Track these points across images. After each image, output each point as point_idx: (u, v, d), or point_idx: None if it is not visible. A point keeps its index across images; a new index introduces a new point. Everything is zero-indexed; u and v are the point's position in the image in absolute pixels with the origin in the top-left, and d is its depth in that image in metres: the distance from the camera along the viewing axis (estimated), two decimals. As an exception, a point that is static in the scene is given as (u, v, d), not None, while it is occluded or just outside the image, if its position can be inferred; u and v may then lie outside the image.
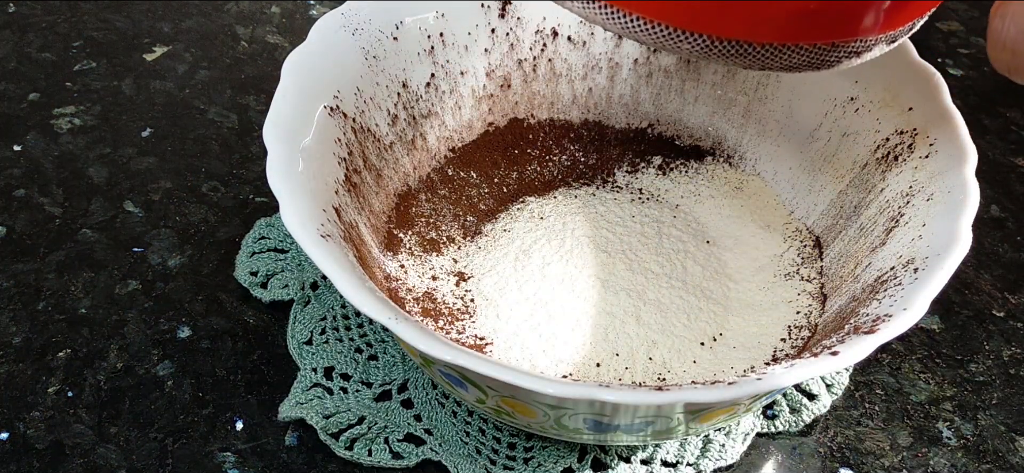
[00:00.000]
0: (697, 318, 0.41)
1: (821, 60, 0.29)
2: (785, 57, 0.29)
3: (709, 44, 0.28)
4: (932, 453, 0.40)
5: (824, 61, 0.30)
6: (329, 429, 0.38)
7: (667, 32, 0.28)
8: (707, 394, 0.29)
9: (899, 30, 0.30)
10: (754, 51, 0.29)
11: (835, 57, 0.29)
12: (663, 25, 0.28)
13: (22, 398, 0.39)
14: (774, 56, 0.29)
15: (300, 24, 0.60)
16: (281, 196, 0.33)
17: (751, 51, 0.29)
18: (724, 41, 0.28)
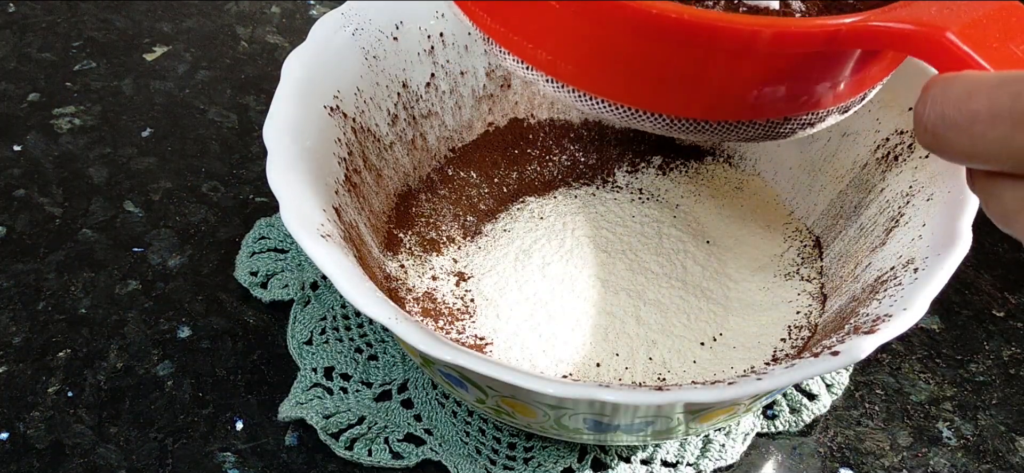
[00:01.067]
0: (697, 318, 0.41)
1: (776, 132, 0.31)
2: (742, 131, 0.31)
3: (670, 122, 0.30)
4: (932, 453, 0.40)
5: (779, 133, 0.31)
6: (329, 429, 0.38)
7: (631, 113, 0.30)
8: (707, 394, 0.29)
9: (850, 100, 0.32)
10: (712, 127, 0.30)
11: (789, 129, 0.31)
12: (627, 106, 0.30)
13: (22, 398, 0.39)
14: (731, 131, 0.31)
15: (300, 24, 0.60)
16: (281, 196, 0.33)
17: (710, 127, 0.30)
18: (684, 120, 0.30)
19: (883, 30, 0.28)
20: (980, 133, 0.23)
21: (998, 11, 0.27)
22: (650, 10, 0.28)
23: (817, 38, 0.28)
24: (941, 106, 0.24)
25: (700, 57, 0.28)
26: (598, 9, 0.28)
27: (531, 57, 0.31)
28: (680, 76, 0.29)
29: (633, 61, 0.29)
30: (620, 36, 0.29)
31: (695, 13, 0.28)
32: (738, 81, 0.29)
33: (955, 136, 0.24)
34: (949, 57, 0.26)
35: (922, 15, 0.28)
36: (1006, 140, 0.23)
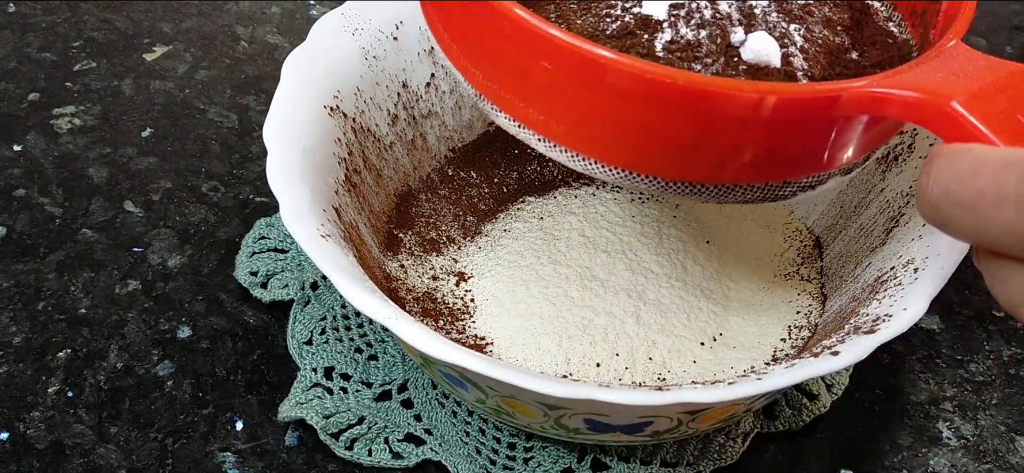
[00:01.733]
0: (697, 318, 0.41)
1: (775, 195, 0.30)
2: (739, 194, 0.30)
3: (666, 184, 0.30)
4: (932, 453, 0.40)
5: (778, 195, 0.30)
6: (329, 429, 0.38)
7: (625, 174, 0.30)
8: (707, 394, 0.29)
9: (853, 164, 0.31)
10: (709, 190, 0.30)
11: (790, 191, 0.30)
12: (622, 168, 0.30)
13: (22, 398, 0.39)
14: (729, 194, 0.30)
15: (300, 24, 0.60)
16: (281, 196, 0.33)
17: (707, 190, 0.30)
18: (681, 182, 0.29)
19: (886, 97, 0.27)
20: (986, 215, 0.22)
21: (1007, 78, 0.26)
22: (646, 75, 0.27)
23: (817, 104, 0.27)
24: (945, 181, 0.23)
25: (698, 122, 0.27)
26: (592, 72, 0.27)
27: (523, 116, 0.30)
28: (678, 140, 0.28)
29: (628, 124, 0.28)
30: (614, 99, 0.28)
31: (694, 79, 0.27)
32: (737, 146, 0.28)
33: (959, 214, 0.23)
34: (955, 127, 0.25)
35: (928, 82, 0.27)
36: (1012, 225, 0.22)
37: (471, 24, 0.30)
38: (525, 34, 0.28)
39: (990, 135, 0.24)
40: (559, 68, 0.28)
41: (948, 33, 0.30)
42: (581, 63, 0.27)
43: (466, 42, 0.31)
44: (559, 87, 0.29)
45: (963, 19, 0.31)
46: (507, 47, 0.29)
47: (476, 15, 0.30)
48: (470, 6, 0.30)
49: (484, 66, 0.31)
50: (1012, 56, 0.64)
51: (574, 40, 0.27)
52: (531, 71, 0.29)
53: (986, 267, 0.24)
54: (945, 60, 0.28)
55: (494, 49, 0.30)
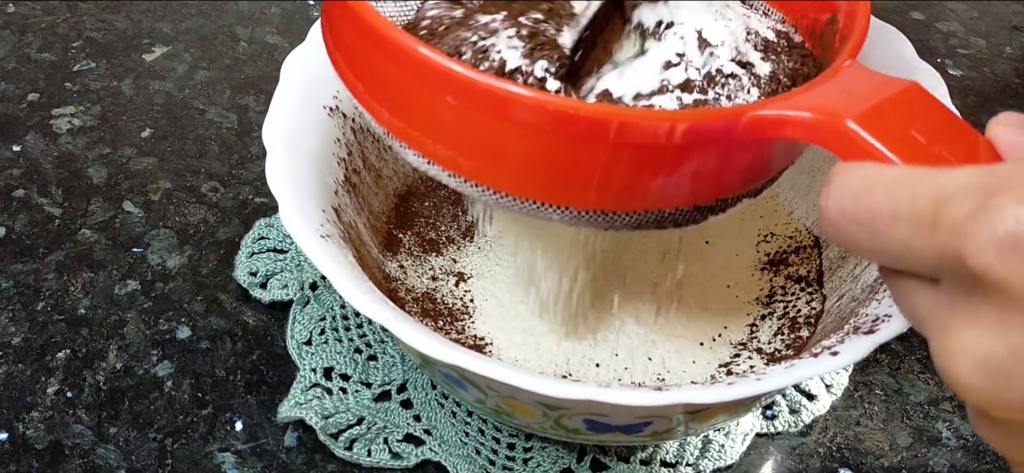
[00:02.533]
0: (696, 318, 0.41)
1: (687, 219, 0.31)
2: (653, 220, 0.30)
3: (578, 214, 0.30)
4: (932, 453, 0.40)
5: (689, 220, 0.31)
6: (328, 429, 0.38)
7: (537, 206, 0.30)
8: (706, 394, 0.29)
9: (762, 183, 0.32)
10: (621, 218, 0.30)
11: (700, 215, 0.31)
12: (533, 200, 0.30)
13: (22, 398, 0.39)
14: (640, 220, 0.30)
15: (300, 24, 0.60)
16: (281, 196, 0.33)
17: (619, 218, 0.30)
18: (593, 212, 0.30)
19: (782, 119, 0.27)
20: (881, 233, 0.22)
21: (900, 95, 0.26)
22: (547, 106, 0.27)
23: (718, 129, 0.27)
24: (842, 200, 0.23)
25: (605, 152, 0.28)
26: (494, 106, 0.28)
27: (430, 152, 0.30)
28: (587, 170, 0.28)
29: (533, 156, 0.29)
30: (518, 132, 0.28)
31: (596, 109, 0.28)
32: (645, 172, 0.28)
33: (857, 232, 0.23)
34: (850, 145, 0.25)
35: (822, 102, 0.27)
36: (907, 242, 0.22)
37: (373, 61, 0.30)
38: (426, 69, 0.28)
39: (885, 152, 0.24)
40: (462, 103, 0.28)
41: (843, 53, 0.30)
42: (483, 97, 0.28)
43: (369, 79, 0.31)
44: (463, 122, 0.29)
45: (857, 38, 0.31)
46: (409, 83, 0.29)
47: (377, 51, 0.30)
48: (372, 43, 0.30)
49: (388, 103, 0.31)
50: (1012, 56, 0.64)
51: (475, 75, 0.28)
52: (434, 107, 0.29)
53: (890, 283, 0.24)
54: (840, 80, 0.29)
55: (397, 85, 0.30)
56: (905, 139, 0.25)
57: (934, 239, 0.21)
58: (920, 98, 0.27)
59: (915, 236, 0.21)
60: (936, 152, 0.25)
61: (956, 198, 0.21)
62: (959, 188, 0.21)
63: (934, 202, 0.21)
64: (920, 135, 0.25)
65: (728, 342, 0.40)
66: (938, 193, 0.21)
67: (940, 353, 0.22)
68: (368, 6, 0.29)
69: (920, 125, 0.25)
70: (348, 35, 0.31)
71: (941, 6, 0.68)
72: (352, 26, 0.30)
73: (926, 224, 0.21)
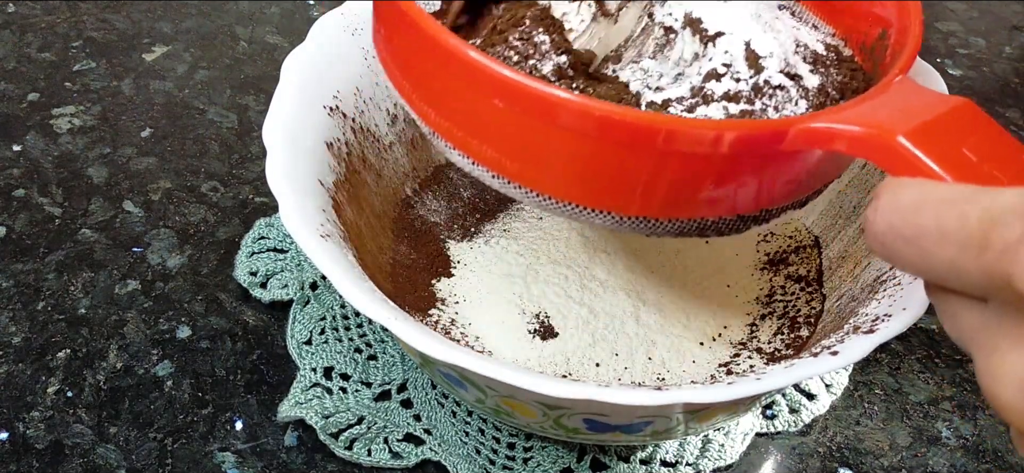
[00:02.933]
0: (696, 317, 0.41)
1: (730, 229, 0.31)
2: (694, 228, 0.30)
3: (620, 220, 0.30)
4: (932, 453, 0.40)
5: (733, 229, 0.31)
6: (329, 429, 0.38)
7: (580, 210, 0.30)
8: (706, 394, 0.29)
9: (808, 195, 0.32)
10: (664, 225, 0.30)
11: (744, 225, 0.31)
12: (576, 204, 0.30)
13: (22, 398, 0.39)
14: (684, 228, 0.30)
15: (300, 24, 0.60)
16: (281, 196, 0.33)
17: (661, 225, 0.30)
18: (635, 218, 0.30)
19: (832, 132, 0.27)
20: (929, 251, 0.22)
21: (951, 112, 0.26)
22: (594, 112, 0.27)
23: (766, 140, 0.27)
24: (890, 216, 0.23)
25: (651, 159, 0.28)
26: (543, 111, 0.28)
27: (476, 153, 0.30)
28: (630, 177, 0.28)
29: (579, 161, 0.29)
30: (565, 137, 0.28)
31: (643, 116, 0.28)
32: (691, 182, 0.28)
33: (904, 248, 0.23)
34: (900, 162, 0.25)
35: (872, 117, 0.27)
36: (953, 262, 0.21)
37: (422, 63, 0.31)
38: (476, 73, 0.28)
39: (936, 168, 0.24)
40: (510, 107, 0.28)
41: (894, 68, 0.30)
42: (532, 102, 0.28)
43: (418, 80, 0.31)
44: (510, 125, 0.29)
45: (909, 54, 0.31)
46: (458, 86, 0.29)
47: (427, 54, 0.30)
48: (422, 45, 0.30)
49: (437, 104, 0.31)
50: (1012, 56, 0.64)
51: (525, 80, 0.28)
52: (482, 110, 0.29)
53: (936, 300, 0.24)
54: (891, 95, 0.29)
55: (446, 88, 0.30)
56: (956, 156, 0.25)
57: (982, 260, 0.21)
58: (972, 115, 0.26)
59: (963, 256, 0.21)
60: (987, 171, 0.24)
61: (1006, 220, 0.20)
62: (1009, 210, 0.21)
63: (983, 223, 0.21)
64: (971, 153, 0.25)
65: (728, 342, 0.40)
66: (987, 214, 0.21)
67: (985, 374, 0.22)
68: (418, 7, 0.29)
69: (971, 143, 0.25)
70: (397, 35, 0.31)
71: (941, 6, 0.68)
72: (401, 27, 0.30)
73: (974, 245, 0.21)
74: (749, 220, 0.30)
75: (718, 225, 0.30)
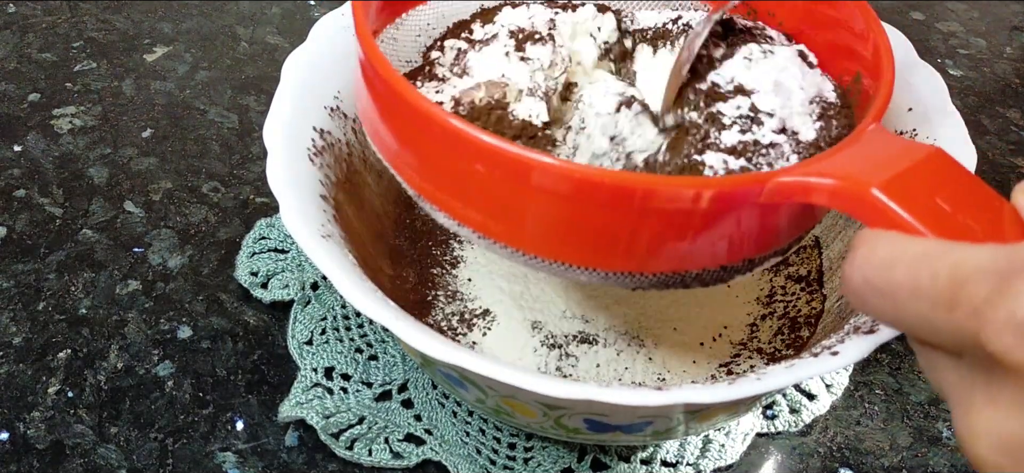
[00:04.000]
0: (697, 318, 0.41)
1: (713, 279, 0.31)
2: (679, 281, 0.30)
3: (606, 276, 0.30)
4: (932, 453, 0.40)
5: (716, 279, 0.31)
6: (329, 429, 0.38)
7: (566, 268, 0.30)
8: (706, 394, 0.29)
9: (790, 243, 0.32)
10: (648, 279, 0.30)
11: (726, 275, 0.31)
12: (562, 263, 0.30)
13: (22, 398, 0.39)
14: (669, 281, 0.30)
15: (300, 24, 0.61)
16: (281, 196, 0.33)
17: (646, 279, 0.30)
18: (620, 273, 0.30)
19: (808, 186, 0.27)
20: (902, 306, 0.22)
21: (925, 162, 0.26)
22: (574, 174, 0.28)
23: (739, 196, 0.28)
24: (865, 270, 0.23)
25: (631, 218, 0.28)
26: (522, 174, 0.28)
27: (461, 215, 0.31)
28: (613, 235, 0.29)
29: (563, 222, 0.29)
30: (547, 199, 0.28)
31: (622, 177, 0.28)
32: (671, 237, 0.29)
33: (879, 303, 0.23)
34: (876, 213, 0.25)
35: (846, 168, 0.27)
36: (927, 318, 0.22)
37: (405, 129, 0.31)
38: (456, 139, 0.29)
39: (911, 220, 0.24)
40: (491, 171, 0.29)
41: (867, 116, 0.30)
42: (512, 165, 0.28)
43: (401, 146, 0.32)
44: (493, 189, 0.29)
45: (881, 100, 0.31)
46: (440, 151, 0.30)
47: (409, 121, 0.30)
48: (403, 112, 0.30)
49: (420, 169, 0.31)
50: (1012, 56, 0.64)
51: (504, 145, 0.28)
52: (465, 174, 0.30)
53: (916, 351, 0.24)
54: (864, 145, 0.29)
55: (428, 152, 0.30)
56: (930, 207, 0.25)
57: (953, 319, 0.21)
58: (945, 165, 0.27)
59: (934, 314, 0.22)
60: (961, 221, 0.25)
61: (974, 279, 0.21)
62: (977, 269, 0.21)
63: (953, 282, 0.21)
64: (945, 203, 0.25)
65: (728, 342, 0.40)
66: (957, 273, 0.21)
67: (962, 429, 0.22)
68: (398, 75, 0.30)
69: (945, 192, 0.25)
70: (379, 102, 0.32)
71: (941, 6, 0.68)
72: (383, 94, 0.31)
73: (945, 303, 0.21)
74: (732, 270, 0.31)
75: (702, 276, 0.30)
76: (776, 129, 0.32)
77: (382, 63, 0.31)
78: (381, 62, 0.31)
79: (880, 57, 0.33)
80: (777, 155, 0.31)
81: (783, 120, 0.32)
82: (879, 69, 0.33)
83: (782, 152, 0.31)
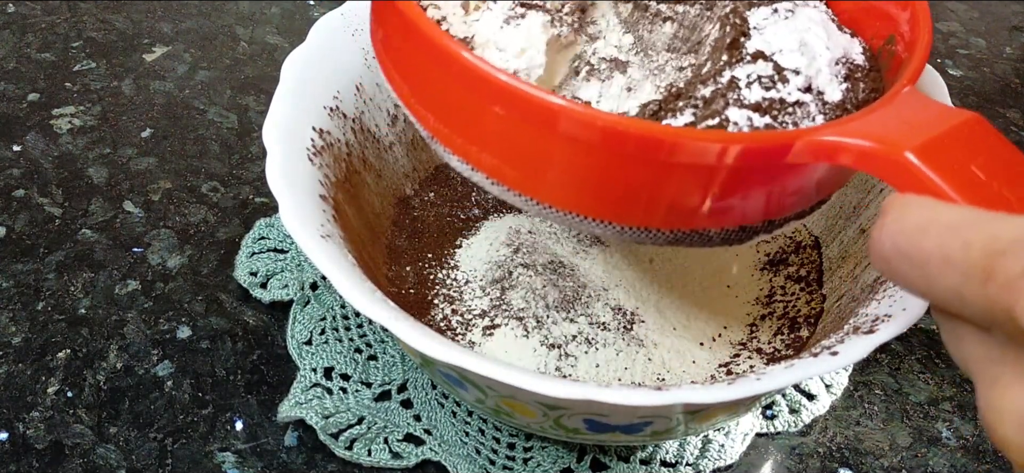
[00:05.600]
0: (696, 318, 0.41)
1: (732, 239, 0.30)
2: (695, 239, 0.30)
3: (621, 230, 0.29)
4: (932, 453, 0.40)
5: (735, 239, 0.30)
6: (329, 429, 0.38)
7: (581, 219, 0.29)
8: (706, 394, 0.29)
9: (811, 207, 0.31)
10: (665, 235, 0.29)
11: (746, 236, 0.30)
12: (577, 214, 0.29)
13: (22, 398, 0.39)
14: (684, 239, 0.30)
15: (300, 24, 0.61)
16: (281, 196, 0.33)
17: (663, 235, 0.29)
18: (636, 228, 0.29)
19: (839, 145, 0.26)
20: (932, 276, 0.21)
21: (960, 126, 0.26)
22: (598, 122, 0.26)
23: (770, 152, 0.27)
24: (895, 236, 0.22)
25: (655, 171, 0.27)
26: (544, 119, 0.27)
27: (475, 159, 0.30)
28: (633, 188, 0.28)
29: (582, 171, 0.28)
30: (567, 147, 0.27)
31: (648, 127, 0.27)
32: (694, 193, 0.28)
33: (908, 271, 0.22)
34: (908, 178, 0.24)
35: (879, 130, 0.26)
36: (957, 290, 0.21)
37: (422, 66, 0.30)
38: (476, 79, 0.28)
39: (944, 187, 0.24)
40: (511, 114, 0.28)
41: (902, 78, 0.29)
42: (533, 109, 0.27)
43: (417, 84, 0.31)
44: (511, 133, 0.28)
45: (917, 64, 0.30)
46: (458, 91, 0.29)
47: (427, 58, 0.29)
48: (421, 49, 0.29)
49: (435, 109, 0.30)
50: (1012, 56, 0.64)
51: (526, 87, 0.27)
52: (482, 116, 0.29)
53: (940, 322, 0.24)
54: (899, 107, 0.28)
55: (445, 92, 0.29)
56: (965, 174, 0.24)
57: (985, 291, 0.20)
58: (981, 131, 0.26)
59: (966, 285, 0.21)
60: (996, 190, 0.24)
61: (1011, 251, 0.20)
62: (1014, 241, 0.20)
63: (987, 253, 0.20)
64: (980, 171, 0.24)
65: (728, 342, 0.40)
66: (992, 244, 0.20)
67: (986, 408, 0.21)
68: (417, 9, 0.29)
69: (981, 160, 0.25)
70: (396, 37, 0.30)
71: (941, 6, 0.68)
72: (400, 29, 0.30)
73: (978, 275, 0.20)
74: (752, 231, 0.30)
75: (722, 236, 0.30)
76: (802, 87, 0.31)
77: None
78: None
79: (917, 20, 0.32)
80: (804, 114, 0.30)
81: (809, 78, 0.31)
82: (916, 32, 0.31)
83: (808, 112, 0.30)
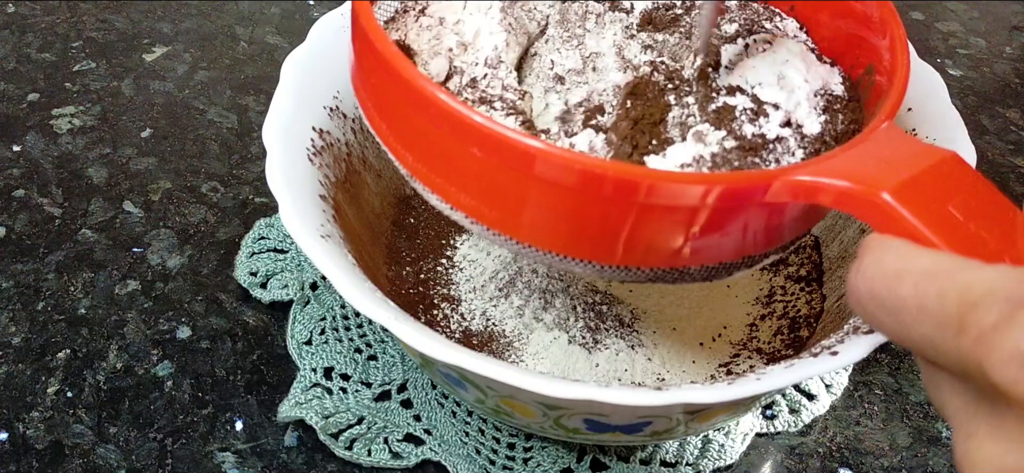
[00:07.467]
0: (696, 318, 0.41)
1: (711, 276, 0.30)
2: (673, 277, 0.30)
3: (600, 269, 0.29)
4: (931, 453, 0.40)
5: (714, 276, 0.30)
6: (329, 429, 0.38)
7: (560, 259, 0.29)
8: (706, 394, 0.29)
9: (791, 240, 0.31)
10: (644, 273, 0.30)
11: (726, 271, 0.30)
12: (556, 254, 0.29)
13: (22, 398, 0.39)
14: (664, 277, 0.30)
15: (300, 24, 0.60)
16: (281, 197, 0.33)
17: (642, 273, 0.30)
18: (614, 267, 0.29)
19: (817, 185, 0.26)
20: (907, 324, 0.21)
21: (938, 166, 0.26)
22: (575, 164, 0.27)
23: (746, 193, 0.27)
24: (871, 282, 0.22)
25: (633, 211, 0.27)
26: (522, 161, 0.27)
27: (454, 200, 0.30)
28: (612, 228, 0.28)
29: (561, 212, 0.28)
30: (545, 188, 0.28)
31: (626, 169, 0.27)
32: (673, 233, 0.28)
33: (884, 317, 0.22)
34: (885, 218, 0.24)
35: (856, 169, 0.26)
36: (932, 340, 0.21)
37: (400, 106, 0.30)
38: (453, 121, 0.28)
39: (922, 229, 0.24)
40: (488, 156, 0.28)
41: (880, 113, 0.29)
42: (510, 152, 0.27)
43: (395, 123, 0.31)
44: (488, 174, 0.28)
45: (895, 96, 0.30)
46: (436, 133, 0.29)
47: (405, 99, 0.29)
48: (399, 89, 0.29)
49: (413, 148, 0.30)
50: (1012, 56, 0.64)
51: (503, 129, 0.27)
52: (460, 157, 0.29)
53: (921, 368, 0.24)
54: (876, 144, 0.28)
55: (423, 133, 0.30)
56: (942, 215, 0.24)
57: (959, 343, 0.20)
58: (958, 170, 0.26)
59: (940, 336, 0.21)
60: (973, 231, 0.24)
61: (983, 304, 0.20)
62: (987, 293, 0.20)
63: (961, 304, 0.20)
64: (957, 211, 0.24)
65: (728, 342, 0.40)
66: (966, 295, 0.20)
67: (962, 459, 0.21)
68: (396, 50, 0.29)
69: (958, 200, 0.24)
70: (374, 76, 0.31)
71: (941, 6, 0.68)
72: (379, 68, 0.30)
73: (952, 326, 0.20)
74: (731, 267, 0.30)
75: (702, 273, 0.30)
76: (782, 122, 0.31)
77: (375, 30, 0.29)
78: (374, 29, 0.29)
79: (896, 52, 0.32)
80: (784, 150, 0.30)
81: (788, 113, 0.31)
82: (894, 64, 0.31)
83: (788, 146, 0.30)
